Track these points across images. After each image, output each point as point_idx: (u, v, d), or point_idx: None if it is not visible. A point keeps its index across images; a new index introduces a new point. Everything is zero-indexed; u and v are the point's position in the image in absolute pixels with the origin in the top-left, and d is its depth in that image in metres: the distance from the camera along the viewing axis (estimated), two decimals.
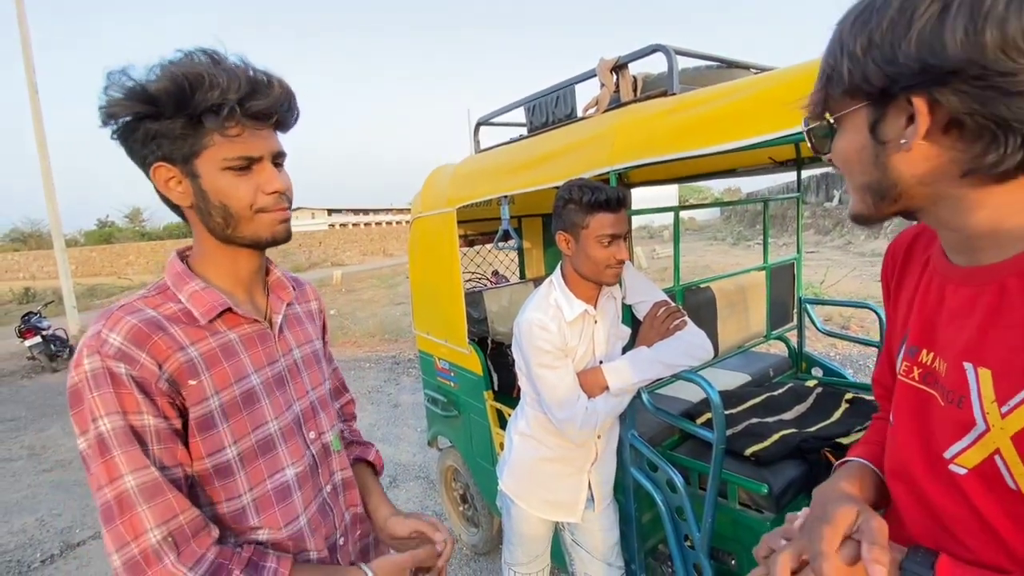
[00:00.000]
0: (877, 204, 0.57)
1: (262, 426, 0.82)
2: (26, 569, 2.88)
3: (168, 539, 0.68)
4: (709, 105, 1.28)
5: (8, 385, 7.20)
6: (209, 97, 0.71)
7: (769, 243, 2.24)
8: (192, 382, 0.75)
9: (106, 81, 0.71)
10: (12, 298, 18.58)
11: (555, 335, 1.33)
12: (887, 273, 0.76)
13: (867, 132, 0.53)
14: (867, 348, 5.45)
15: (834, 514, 0.57)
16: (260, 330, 0.86)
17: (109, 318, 0.73)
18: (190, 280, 0.81)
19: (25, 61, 9.43)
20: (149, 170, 0.76)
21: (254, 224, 0.80)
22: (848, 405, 1.80)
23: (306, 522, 0.86)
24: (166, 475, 0.71)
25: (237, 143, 0.76)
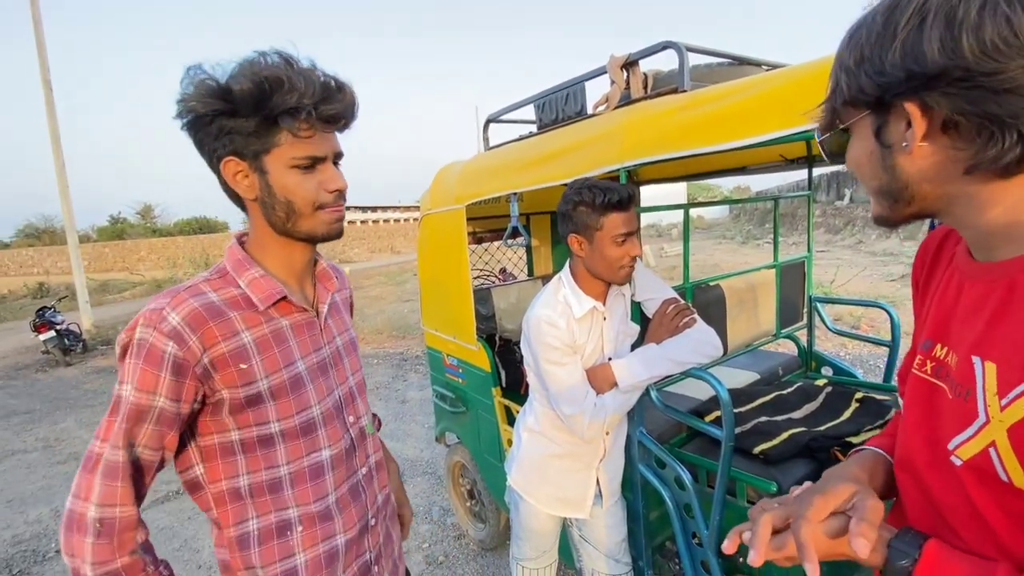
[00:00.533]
0: (893, 207, 0.59)
1: (306, 410, 0.88)
2: (41, 559, 2.93)
3: (95, 522, 0.73)
4: (720, 102, 1.28)
5: (23, 378, 7.31)
6: (287, 100, 0.75)
7: (779, 241, 2.22)
8: (243, 365, 0.81)
9: (185, 76, 0.75)
10: (27, 293, 18.86)
11: (564, 331, 1.34)
12: (917, 271, 0.77)
13: (873, 138, 0.56)
14: (877, 348, 5.41)
15: (829, 487, 0.60)
16: (308, 318, 0.92)
17: (175, 297, 0.79)
18: (250, 267, 0.86)
19: (40, 58, 9.55)
20: (219, 163, 0.81)
21: (313, 220, 0.85)
22: (858, 405, 1.79)
23: (335, 501, 0.91)
24: (140, 455, 0.77)
25: (306, 144, 0.80)
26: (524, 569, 1.65)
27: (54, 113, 9.74)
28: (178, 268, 13.63)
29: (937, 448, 0.59)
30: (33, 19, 9.49)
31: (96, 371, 7.40)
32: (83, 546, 0.73)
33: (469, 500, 2.71)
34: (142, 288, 17.60)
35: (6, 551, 3.03)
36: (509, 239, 2.04)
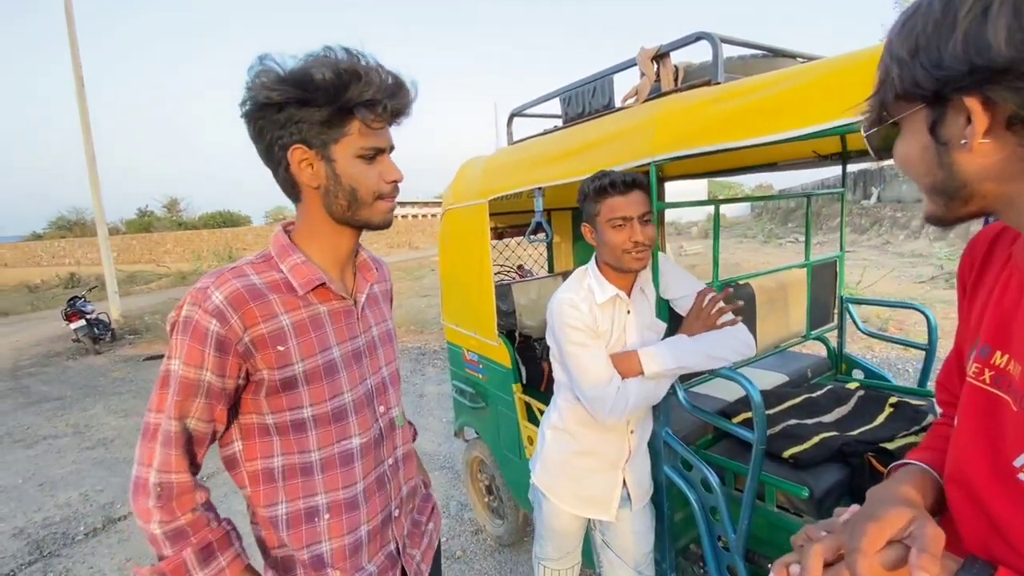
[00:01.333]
0: (948, 205, 0.55)
1: (338, 396, 0.90)
2: (71, 541, 3.02)
3: (156, 486, 0.79)
4: (755, 95, 1.24)
5: (55, 365, 7.54)
6: (364, 93, 0.79)
7: (811, 240, 2.16)
8: (280, 348, 0.83)
9: (259, 64, 0.79)
10: (58, 283, 19.45)
11: (586, 315, 1.34)
12: (964, 270, 0.72)
13: (927, 134, 0.52)
14: (905, 352, 5.26)
15: (884, 514, 0.55)
16: (346, 307, 0.94)
17: (219, 277, 0.82)
18: (293, 253, 0.89)
19: (72, 54, 9.81)
20: (284, 151, 0.83)
21: (371, 209, 0.89)
22: (893, 409, 1.73)
23: (362, 490, 0.93)
24: (193, 427, 0.81)
25: (373, 135, 0.85)
26: (546, 569, 1.62)
27: (86, 108, 9.99)
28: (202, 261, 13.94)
29: (1000, 464, 0.55)
30: (66, 15, 9.74)
31: (124, 360, 7.60)
32: (147, 508, 0.79)
33: (487, 496, 2.70)
34: (168, 280, 18.02)
35: (37, 533, 3.12)
36: (532, 235, 2.02)
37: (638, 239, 1.29)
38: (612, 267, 1.37)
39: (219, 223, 36.76)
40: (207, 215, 39.85)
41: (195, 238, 25.71)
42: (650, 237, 1.31)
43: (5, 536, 3.11)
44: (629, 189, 1.30)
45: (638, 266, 1.34)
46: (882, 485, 0.68)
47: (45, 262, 27.43)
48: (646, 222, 1.31)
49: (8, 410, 5.60)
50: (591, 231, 1.38)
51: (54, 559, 2.85)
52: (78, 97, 9.92)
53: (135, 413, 5.17)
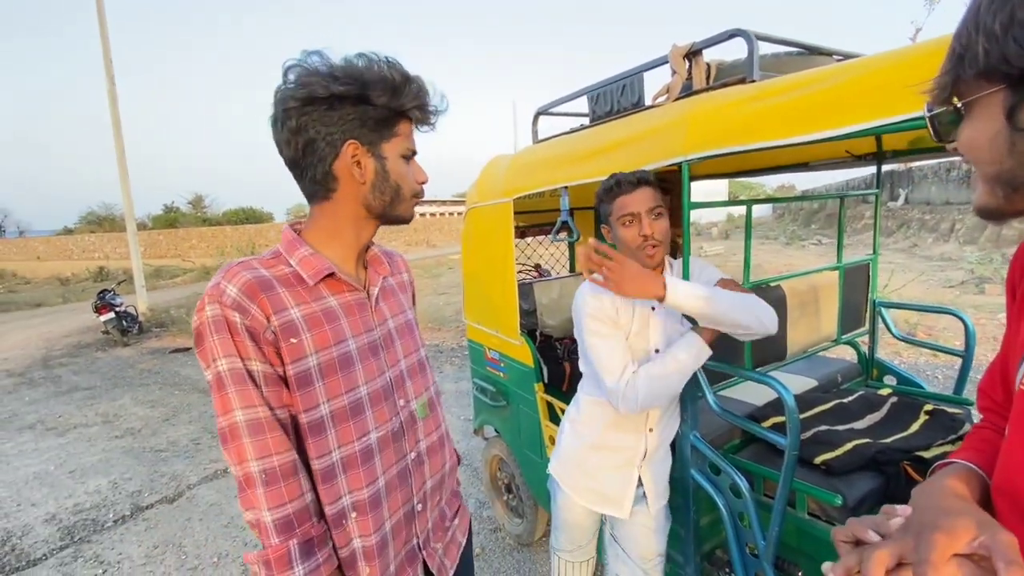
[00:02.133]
0: (1009, 197, 0.52)
1: (354, 389, 0.89)
2: (100, 528, 3.10)
3: (261, 473, 0.79)
4: (794, 93, 1.21)
5: (85, 356, 7.77)
6: (420, 97, 0.86)
7: (843, 242, 2.11)
8: (293, 340, 0.83)
9: (308, 59, 0.81)
10: (88, 276, 20.06)
11: (607, 306, 1.36)
12: (1016, 272, 0.69)
13: (1003, 118, 0.49)
14: (936, 358, 5.12)
15: (952, 524, 0.51)
16: (360, 299, 0.94)
17: (228, 271, 0.82)
18: (301, 246, 0.89)
19: (104, 53, 10.07)
20: (336, 145, 0.84)
21: (407, 204, 0.93)
22: (928, 417, 1.68)
23: (384, 484, 0.92)
24: (273, 415, 0.81)
25: (411, 138, 0.90)
26: (560, 560, 1.64)
27: (116, 106, 10.26)
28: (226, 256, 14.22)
29: None
30: (98, 15, 10.01)
31: (151, 352, 7.79)
32: (257, 497, 0.79)
33: (506, 494, 2.70)
34: (192, 275, 18.42)
35: (68, 519, 3.22)
36: (557, 234, 2.01)
37: (646, 232, 1.32)
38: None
39: (242, 219, 37.40)
40: (231, 211, 40.55)
41: (219, 234, 26.19)
42: (661, 230, 1.33)
43: (38, 521, 3.21)
44: (635, 187, 1.33)
45: (650, 262, 1.35)
46: (930, 482, 0.65)
47: (76, 256, 28.25)
48: (657, 216, 1.33)
49: (41, 398, 5.79)
50: (608, 232, 1.43)
51: (84, 545, 2.94)
52: (109, 96, 10.19)
53: (161, 404, 5.30)
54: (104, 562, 2.77)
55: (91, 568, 2.72)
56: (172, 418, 4.88)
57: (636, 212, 1.32)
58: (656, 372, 1.31)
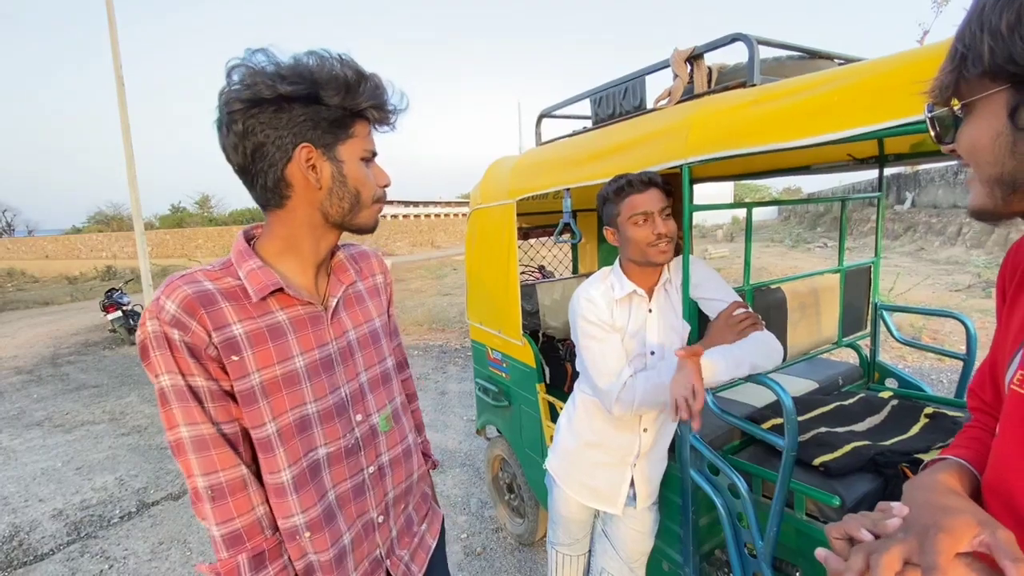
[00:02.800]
0: (1007, 198, 0.53)
1: (300, 406, 0.85)
2: (106, 524, 3.14)
3: (207, 489, 0.79)
4: (793, 97, 1.22)
5: (92, 354, 7.85)
6: (375, 96, 0.80)
7: (845, 244, 2.11)
8: (235, 358, 0.79)
9: (252, 58, 0.75)
10: (96, 275, 20.21)
11: (602, 310, 1.39)
12: (1006, 275, 0.70)
13: (1005, 118, 0.49)
14: (940, 362, 5.09)
15: (953, 524, 0.52)
16: (313, 312, 0.89)
17: (168, 286, 0.79)
18: (250, 259, 0.84)
19: (113, 54, 10.17)
20: (286, 150, 0.78)
21: (368, 211, 0.88)
22: (928, 420, 1.68)
23: (335, 499, 0.90)
24: (219, 430, 0.79)
25: (370, 139, 0.85)
26: (558, 553, 1.68)
27: (125, 107, 10.35)
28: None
29: None
30: (108, 18, 10.11)
31: None
32: (206, 511, 0.80)
33: (508, 494, 2.72)
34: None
35: (75, 515, 3.26)
36: (559, 236, 2.02)
37: (661, 231, 1.34)
38: (637, 263, 1.41)
39: (248, 219, 37.58)
40: (237, 212, 40.77)
41: (225, 234, 26.33)
42: (672, 230, 1.35)
43: (46, 517, 3.25)
44: (647, 187, 1.35)
45: (663, 259, 1.36)
46: (923, 476, 0.66)
47: (84, 255, 28.48)
48: (667, 216, 1.36)
49: (48, 396, 5.85)
50: (613, 233, 1.43)
51: (91, 540, 2.97)
52: (118, 97, 10.29)
53: None
54: (110, 557, 2.80)
55: (97, 563, 2.76)
56: None
57: (649, 211, 1.34)
58: (656, 380, 1.33)
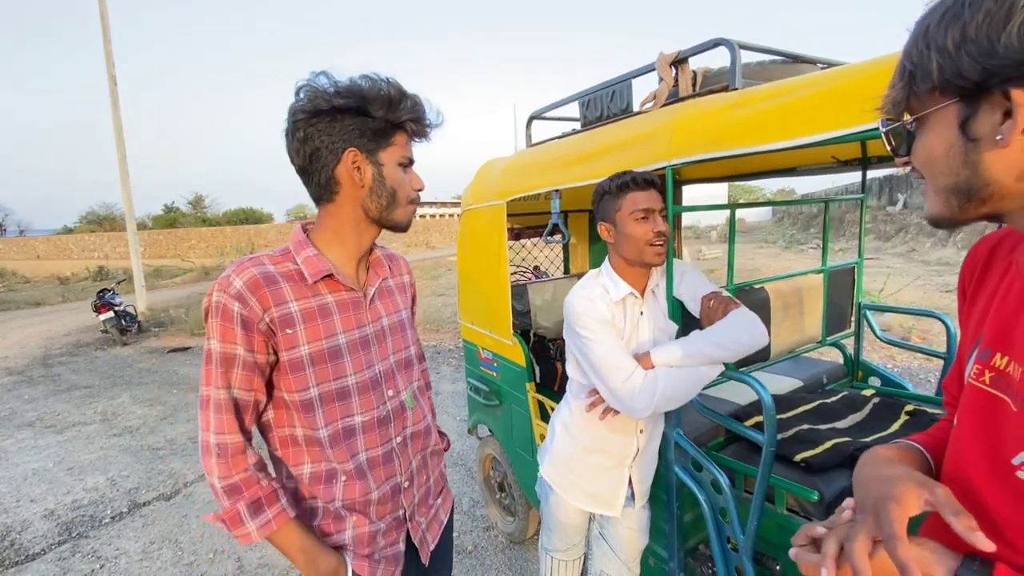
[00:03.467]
0: (963, 206, 0.55)
1: (341, 377, 1.00)
2: (97, 524, 3.13)
3: (216, 446, 0.93)
4: (774, 100, 1.25)
5: (84, 355, 7.80)
6: (415, 110, 0.96)
7: (828, 246, 2.15)
8: (289, 330, 0.94)
9: (316, 78, 0.92)
10: (88, 275, 20.07)
11: (601, 309, 1.38)
12: (965, 276, 0.73)
13: (956, 130, 0.51)
14: (928, 361, 5.15)
15: (898, 492, 0.56)
16: (355, 297, 1.04)
17: (239, 266, 0.94)
18: (307, 247, 1.00)
19: (106, 54, 10.13)
20: (337, 152, 0.94)
21: (403, 210, 1.02)
22: (908, 417, 1.72)
23: (365, 460, 1.04)
24: (237, 396, 0.94)
25: (408, 148, 1.00)
26: (553, 559, 1.66)
27: (118, 107, 10.31)
28: (225, 256, 14.28)
29: (998, 463, 0.57)
30: (101, 17, 10.07)
31: (149, 351, 7.83)
32: (211, 464, 0.93)
33: (499, 493, 2.74)
34: (192, 274, 18.45)
35: (67, 515, 3.25)
36: (549, 236, 2.05)
37: (662, 229, 1.36)
38: (630, 263, 1.40)
39: (242, 220, 37.44)
40: (230, 212, 40.59)
41: (219, 234, 26.23)
42: (667, 232, 1.38)
43: (37, 517, 3.24)
44: (649, 185, 1.37)
45: (658, 260, 1.37)
46: (864, 456, 0.69)
47: (76, 255, 28.28)
48: (665, 218, 1.38)
49: (40, 396, 5.82)
50: (609, 229, 1.41)
51: (82, 540, 2.97)
52: (111, 96, 10.25)
53: (160, 403, 5.33)
54: (101, 557, 2.80)
55: (89, 563, 2.76)
56: (170, 417, 4.91)
57: (651, 208, 1.35)
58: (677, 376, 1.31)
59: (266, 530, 0.93)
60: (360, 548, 1.04)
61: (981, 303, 0.67)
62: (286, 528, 0.96)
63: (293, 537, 0.96)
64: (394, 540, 1.09)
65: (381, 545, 1.07)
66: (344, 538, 1.03)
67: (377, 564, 1.05)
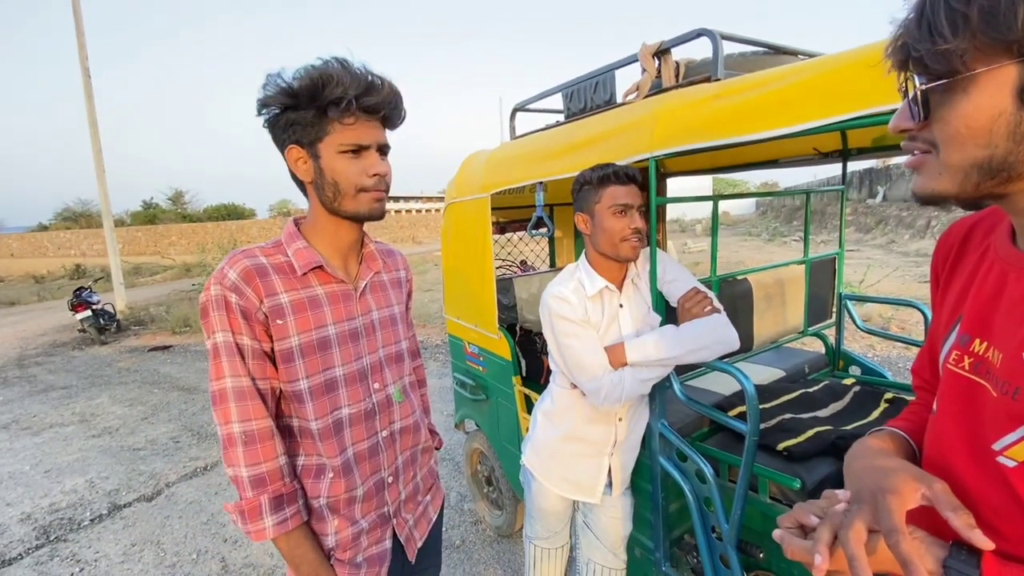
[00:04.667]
0: (982, 183, 0.49)
1: (330, 368, 1.00)
2: (76, 527, 3.07)
3: (241, 434, 0.92)
4: (755, 91, 1.25)
5: (61, 355, 7.62)
6: (334, 92, 0.89)
7: (810, 236, 2.17)
8: (279, 321, 0.95)
9: (265, 81, 0.91)
10: (64, 274, 19.58)
11: (576, 307, 1.39)
12: (938, 261, 0.74)
13: (1010, 97, 0.45)
14: (907, 351, 5.26)
15: (895, 484, 0.55)
16: (345, 290, 1.04)
17: (232, 258, 0.95)
18: (297, 240, 1.01)
19: (79, 46, 9.84)
20: (284, 150, 0.96)
21: (355, 201, 0.97)
22: (888, 405, 1.75)
23: (353, 454, 1.03)
24: (255, 384, 0.94)
25: (351, 131, 0.93)
26: (536, 548, 1.68)
27: (92, 99, 10.04)
28: (207, 253, 14.00)
29: (979, 447, 0.57)
30: (73, 8, 9.77)
31: (129, 350, 7.67)
32: (236, 455, 0.92)
33: (487, 487, 2.74)
34: (173, 272, 18.10)
35: (44, 518, 3.18)
36: (533, 229, 2.04)
37: (639, 225, 1.35)
38: (606, 257, 1.42)
39: (223, 216, 36.78)
40: (212, 208, 39.87)
41: (200, 231, 25.74)
42: (643, 228, 1.37)
43: (13, 521, 3.16)
44: (630, 180, 1.37)
45: (633, 255, 1.38)
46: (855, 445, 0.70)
47: (51, 253, 27.58)
48: (642, 214, 1.38)
49: (15, 398, 5.67)
50: (586, 220, 1.42)
51: (60, 544, 2.90)
52: (85, 90, 9.97)
53: (140, 403, 5.23)
54: (81, 560, 2.74)
55: (68, 566, 2.70)
56: (151, 416, 4.82)
57: (630, 204, 1.35)
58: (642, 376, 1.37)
59: (281, 528, 0.93)
60: (341, 553, 1.02)
61: (956, 288, 0.67)
62: (298, 531, 0.96)
63: (302, 541, 0.96)
64: (379, 538, 1.08)
65: (364, 545, 1.05)
66: (326, 542, 1.02)
67: (359, 568, 1.04)
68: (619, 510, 1.58)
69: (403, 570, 1.14)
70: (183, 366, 6.60)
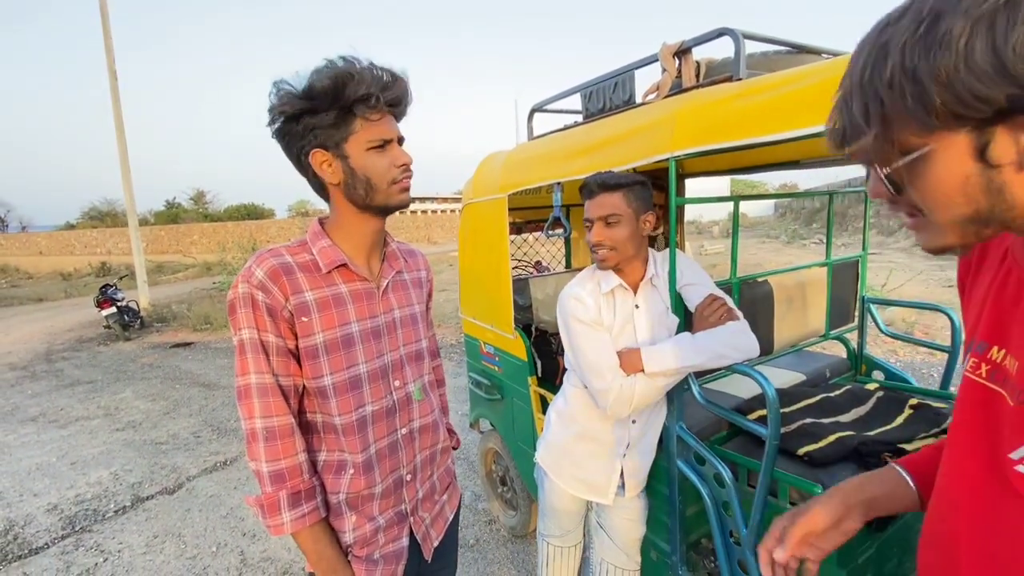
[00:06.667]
0: (981, 232, 0.50)
1: (354, 366, 1.02)
2: (101, 518, 3.15)
3: (263, 430, 0.94)
4: (778, 91, 1.23)
5: (87, 351, 7.82)
6: (358, 90, 0.90)
7: (832, 238, 2.13)
8: (304, 319, 0.96)
9: (274, 88, 0.91)
10: (90, 271, 20.12)
11: (591, 307, 1.40)
12: (962, 272, 0.72)
13: (971, 160, 0.46)
14: (931, 356, 5.14)
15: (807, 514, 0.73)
16: (368, 288, 1.06)
17: (259, 257, 0.96)
18: (322, 239, 1.02)
19: (106, 48, 10.10)
20: (307, 156, 0.95)
21: (387, 193, 1.00)
22: (912, 411, 1.71)
23: (375, 452, 1.05)
24: (277, 381, 0.95)
25: (376, 127, 0.95)
26: (549, 545, 1.69)
27: (119, 101, 10.29)
28: (227, 252, 14.28)
29: (995, 457, 0.56)
30: (101, 10, 10.03)
31: (152, 346, 7.84)
32: (258, 450, 0.94)
33: (501, 487, 2.74)
34: (194, 270, 18.47)
35: (70, 509, 3.26)
36: (550, 229, 2.04)
37: (592, 239, 1.38)
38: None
39: (243, 215, 37.40)
40: (232, 207, 40.57)
41: (220, 230, 26.18)
42: (612, 238, 1.37)
43: (40, 511, 3.26)
44: (597, 192, 1.38)
45: (602, 265, 1.41)
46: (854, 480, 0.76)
47: (78, 251, 28.29)
48: (610, 223, 1.37)
49: (43, 392, 5.84)
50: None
51: (85, 534, 2.98)
52: (111, 91, 10.22)
53: (162, 398, 5.34)
54: (105, 551, 2.81)
55: (92, 556, 2.77)
56: (172, 411, 4.92)
57: (591, 218, 1.39)
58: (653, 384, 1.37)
59: (299, 524, 0.95)
60: (359, 549, 1.04)
61: (976, 296, 0.66)
62: (317, 526, 0.98)
63: (320, 536, 0.98)
64: (396, 535, 1.09)
65: (382, 542, 1.06)
66: (344, 538, 1.03)
67: (376, 564, 1.05)
68: (633, 512, 1.57)
69: (419, 569, 1.14)
70: (204, 363, 6.72)
